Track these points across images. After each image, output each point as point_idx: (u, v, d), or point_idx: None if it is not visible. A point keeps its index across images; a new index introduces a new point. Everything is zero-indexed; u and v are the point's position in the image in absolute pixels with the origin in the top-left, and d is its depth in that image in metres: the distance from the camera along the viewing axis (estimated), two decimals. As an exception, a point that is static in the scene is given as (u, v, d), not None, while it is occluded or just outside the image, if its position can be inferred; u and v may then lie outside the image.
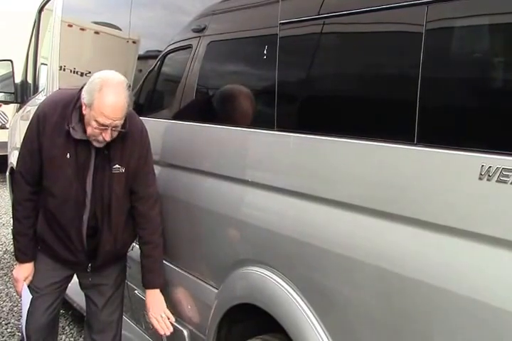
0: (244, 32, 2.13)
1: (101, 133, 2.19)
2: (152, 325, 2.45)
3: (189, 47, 2.43)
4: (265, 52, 1.87)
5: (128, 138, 2.30)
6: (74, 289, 3.82)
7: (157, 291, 2.46)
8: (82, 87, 2.24)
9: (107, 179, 2.31)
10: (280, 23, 1.81)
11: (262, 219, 1.94)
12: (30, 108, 4.86)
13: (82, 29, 3.92)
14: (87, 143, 2.26)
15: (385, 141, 1.46)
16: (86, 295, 2.67)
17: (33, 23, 5.06)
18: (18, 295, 2.62)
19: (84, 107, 2.20)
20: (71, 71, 3.91)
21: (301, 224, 1.76)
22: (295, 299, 1.76)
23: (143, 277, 2.48)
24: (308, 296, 1.73)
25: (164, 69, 2.73)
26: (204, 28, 2.30)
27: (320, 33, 1.72)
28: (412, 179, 1.41)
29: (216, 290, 2.16)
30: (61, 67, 4.03)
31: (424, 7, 1.34)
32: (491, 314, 1.22)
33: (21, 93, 5.20)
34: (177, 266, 2.47)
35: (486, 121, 1.28)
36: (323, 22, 1.67)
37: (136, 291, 2.80)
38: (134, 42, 3.01)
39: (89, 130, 2.21)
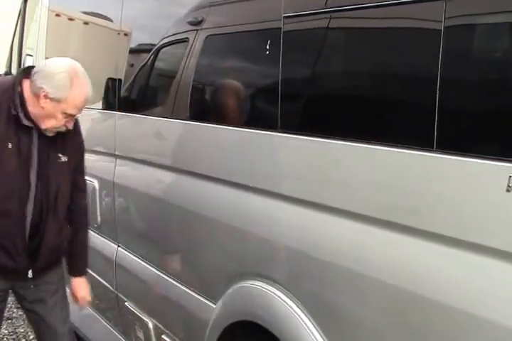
0: (245, 26, 2.03)
1: (65, 124, 2.20)
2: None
3: (185, 41, 2.34)
4: (268, 47, 1.77)
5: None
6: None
7: (83, 279, 2.50)
8: (24, 74, 2.22)
9: (52, 169, 2.27)
10: (284, 17, 1.71)
11: (264, 229, 1.86)
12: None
13: (71, 19, 3.84)
14: (28, 130, 2.21)
15: (402, 147, 1.37)
16: (30, 312, 2.49)
17: (18, 11, 4.97)
18: None
19: (44, 100, 2.15)
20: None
21: (307, 234, 1.68)
22: (299, 317, 1.68)
23: (69, 263, 2.48)
24: (314, 314, 1.65)
25: (158, 64, 2.64)
26: (201, 21, 2.22)
27: (328, 27, 1.62)
28: (431, 189, 1.33)
29: (214, 305, 2.08)
30: (47, 58, 3.95)
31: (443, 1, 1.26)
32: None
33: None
34: (171, 277, 2.39)
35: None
36: (332, 16, 1.58)
37: (126, 303, 2.73)
38: (125, 34, 2.92)
39: (52, 122, 2.19)
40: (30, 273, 2.33)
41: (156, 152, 2.53)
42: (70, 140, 2.31)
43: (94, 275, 3.13)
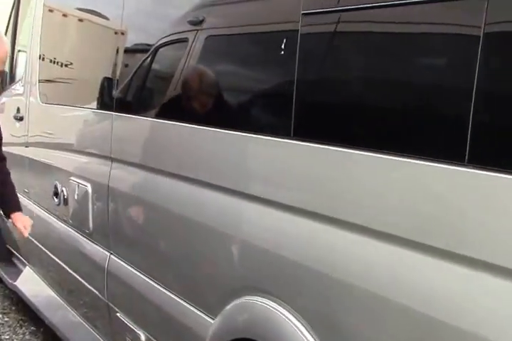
0: (256, 24, 1.91)
1: None
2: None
3: (186, 40, 2.25)
4: (283, 47, 1.67)
5: None
6: (45, 305, 3.71)
7: (20, 212, 2.91)
8: None
9: None
10: (303, 14, 1.59)
11: (267, 240, 1.76)
12: (6, 99, 4.69)
13: (67, 15, 3.74)
14: None
15: (431, 160, 1.28)
16: None
17: (11, 6, 4.87)
18: None
19: None
20: (51, 61, 3.73)
21: (314, 248, 1.59)
22: (305, 336, 1.58)
23: (5, 206, 2.92)
24: (320, 333, 1.55)
25: (158, 63, 2.54)
26: (203, 19, 2.12)
27: (354, 26, 1.51)
28: (463, 208, 1.23)
29: (211, 321, 1.98)
30: (40, 55, 3.85)
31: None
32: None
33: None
34: (166, 289, 2.28)
35: None
36: (359, 13, 1.46)
37: (118, 314, 2.62)
38: (123, 32, 2.83)
39: None
40: None
41: (153, 156, 2.42)
42: None
43: (84, 282, 3.03)
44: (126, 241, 2.68)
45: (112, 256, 2.73)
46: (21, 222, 2.87)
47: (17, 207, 2.94)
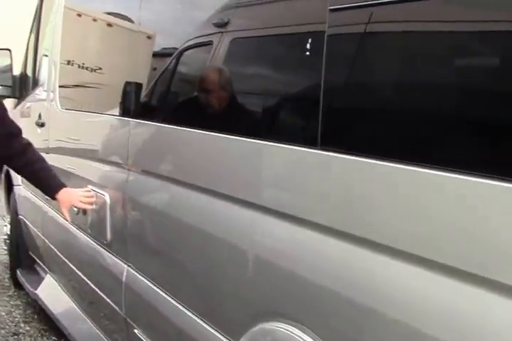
0: (279, 24, 1.74)
1: None
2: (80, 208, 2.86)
3: (208, 44, 2.11)
4: (308, 47, 1.52)
5: None
6: (65, 315, 3.63)
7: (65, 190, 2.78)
8: None
9: None
10: (330, 10, 1.42)
11: (291, 261, 1.61)
12: (30, 104, 4.64)
13: (88, 18, 3.65)
14: None
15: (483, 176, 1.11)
16: None
17: (35, 9, 4.82)
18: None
19: None
20: (71, 66, 3.65)
21: (341, 270, 1.44)
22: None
23: (46, 187, 2.80)
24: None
25: (176, 69, 2.41)
26: (228, 21, 1.98)
27: (388, 23, 1.34)
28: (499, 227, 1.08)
29: (233, 345, 1.85)
30: (61, 60, 3.77)
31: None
32: None
33: (20, 87, 4.95)
34: (185, 307, 2.14)
35: None
36: (395, 8, 1.30)
37: (136, 330, 2.50)
38: (143, 37, 2.71)
39: None
40: None
41: (172, 165, 2.30)
42: None
43: (102, 295, 2.93)
44: (143, 254, 2.56)
45: (129, 269, 2.62)
46: (68, 203, 2.79)
47: (59, 186, 2.78)
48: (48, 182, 2.80)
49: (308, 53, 1.52)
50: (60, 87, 3.78)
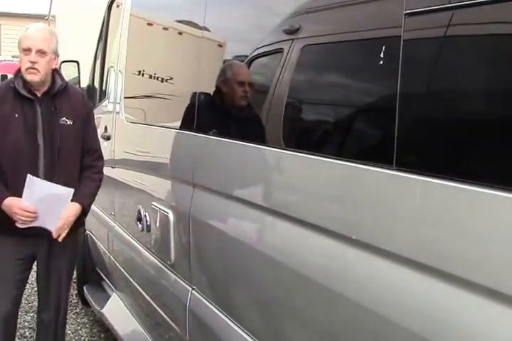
0: (350, 30, 1.64)
1: (28, 60, 2.94)
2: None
3: (280, 51, 2.02)
4: (382, 56, 1.41)
5: (71, 97, 3.14)
6: (129, 336, 3.62)
7: (76, 205, 3.08)
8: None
9: (55, 130, 3.03)
10: (406, 14, 1.32)
11: (370, 295, 1.49)
12: (97, 116, 4.71)
13: (153, 26, 3.66)
14: (31, 102, 3.01)
15: None
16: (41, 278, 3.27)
17: (102, 20, 4.91)
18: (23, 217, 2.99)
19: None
20: (136, 77, 3.67)
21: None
22: None
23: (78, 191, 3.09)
24: None
25: (253, 78, 2.32)
26: (298, 28, 1.89)
27: (471, 27, 1.22)
28: None
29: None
30: (126, 71, 3.80)
31: None
32: None
33: (88, 98, 5.05)
34: (252, 338, 2.06)
35: None
36: (470, 11, 1.19)
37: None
38: (219, 45, 2.66)
39: (22, 65, 2.98)
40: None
41: (241, 185, 2.19)
42: (72, 108, 3.10)
43: (166, 318, 2.88)
44: (208, 278, 2.48)
45: (193, 292, 2.55)
46: (66, 212, 3.05)
47: (78, 199, 3.08)
48: (82, 189, 3.18)
49: (382, 61, 1.40)
50: (125, 98, 3.81)
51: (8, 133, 2.97)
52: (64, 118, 3.04)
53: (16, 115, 2.96)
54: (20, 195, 2.95)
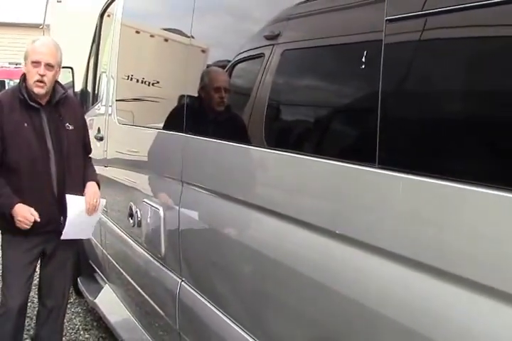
0: (336, 35, 1.60)
1: (37, 72, 2.95)
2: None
3: (260, 56, 1.97)
4: (363, 60, 1.38)
5: (70, 104, 3.23)
6: (121, 324, 3.56)
7: (93, 182, 3.22)
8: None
9: (62, 135, 3.10)
10: (387, 20, 1.29)
11: (356, 289, 1.44)
12: (90, 118, 4.64)
13: (141, 33, 3.61)
14: (38, 111, 3.05)
15: None
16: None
17: (94, 29, 4.83)
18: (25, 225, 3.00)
19: (24, 68, 3.04)
20: (126, 81, 3.61)
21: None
22: None
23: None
24: None
25: (234, 82, 2.28)
26: (279, 34, 1.85)
27: (454, 32, 1.19)
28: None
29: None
30: (117, 75, 3.73)
31: None
32: None
33: (81, 103, 4.98)
34: (240, 328, 1.99)
35: None
36: (449, 17, 1.16)
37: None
38: (203, 51, 2.61)
39: (29, 78, 2.99)
40: (62, 219, 3.09)
41: (227, 183, 2.14)
42: (73, 114, 3.18)
43: (157, 308, 2.84)
44: (196, 270, 2.44)
45: (183, 284, 2.51)
46: (88, 197, 3.13)
47: (92, 177, 3.23)
48: (93, 173, 3.40)
49: (364, 66, 1.37)
50: (116, 101, 3.75)
51: (21, 139, 2.99)
52: (67, 123, 3.11)
53: (25, 124, 2.99)
54: (34, 200, 2.97)
